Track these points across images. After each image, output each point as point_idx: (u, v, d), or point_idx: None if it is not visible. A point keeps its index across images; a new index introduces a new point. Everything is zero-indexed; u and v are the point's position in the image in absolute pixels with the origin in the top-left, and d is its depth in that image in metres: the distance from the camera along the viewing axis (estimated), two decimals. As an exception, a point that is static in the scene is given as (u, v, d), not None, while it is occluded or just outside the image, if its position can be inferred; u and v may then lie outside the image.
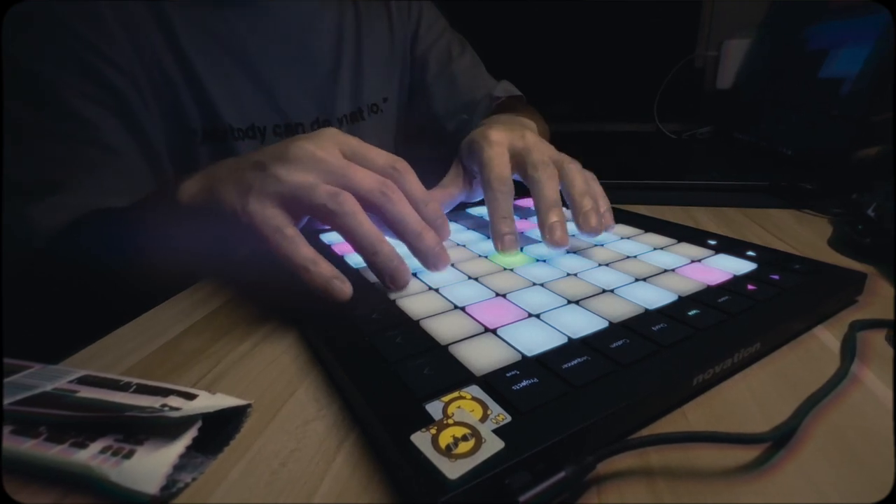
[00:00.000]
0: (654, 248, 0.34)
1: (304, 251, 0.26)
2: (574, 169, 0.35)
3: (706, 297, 0.26)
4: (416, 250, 0.28)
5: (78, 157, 0.41)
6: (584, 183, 0.34)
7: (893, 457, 0.17)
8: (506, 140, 0.36)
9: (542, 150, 0.35)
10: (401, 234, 0.28)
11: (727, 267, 0.30)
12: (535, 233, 0.35)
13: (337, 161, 0.28)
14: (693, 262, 0.31)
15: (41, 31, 0.40)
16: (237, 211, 0.27)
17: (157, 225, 0.34)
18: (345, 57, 0.59)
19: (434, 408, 0.18)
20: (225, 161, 0.31)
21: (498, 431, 0.17)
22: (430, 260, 0.28)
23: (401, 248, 0.28)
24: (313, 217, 0.28)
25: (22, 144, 0.40)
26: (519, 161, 0.35)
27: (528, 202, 0.45)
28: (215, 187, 0.29)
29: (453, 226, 0.41)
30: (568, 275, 0.30)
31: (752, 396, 0.21)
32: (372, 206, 0.27)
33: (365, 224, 0.27)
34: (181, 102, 0.47)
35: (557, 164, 0.35)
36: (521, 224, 0.39)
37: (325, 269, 0.26)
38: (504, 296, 0.27)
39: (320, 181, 0.27)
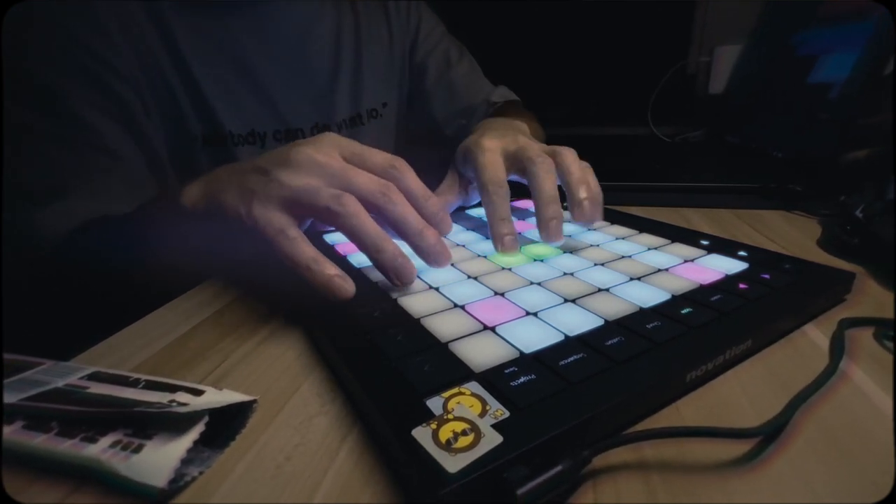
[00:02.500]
0: (648, 249, 0.34)
1: (306, 251, 0.26)
2: (570, 157, 0.35)
3: (699, 295, 0.26)
4: (417, 248, 0.28)
5: (83, 163, 0.41)
6: (580, 171, 0.35)
7: (892, 456, 0.17)
8: (498, 145, 0.36)
9: (535, 147, 0.36)
10: (402, 234, 0.28)
11: (719, 266, 0.30)
12: (533, 233, 0.35)
13: (338, 164, 0.28)
14: (686, 261, 0.31)
15: (46, 40, 0.40)
16: (241, 215, 0.27)
17: (160, 229, 0.34)
18: (344, 63, 0.59)
19: (434, 403, 0.18)
20: (226, 167, 0.31)
21: (497, 426, 0.17)
22: (432, 257, 0.28)
23: (404, 248, 0.28)
24: (317, 219, 0.28)
25: (29, 151, 0.39)
26: (514, 160, 0.36)
27: (525, 203, 0.45)
28: (218, 192, 0.29)
29: (454, 226, 0.41)
30: (565, 274, 0.30)
31: (743, 392, 0.21)
32: (373, 208, 0.27)
33: (368, 224, 0.27)
34: (182, 109, 0.47)
35: (552, 153, 0.35)
36: (519, 225, 0.39)
37: (327, 268, 0.26)
38: (503, 295, 0.27)
39: (322, 184, 0.27)
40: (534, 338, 0.22)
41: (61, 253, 0.38)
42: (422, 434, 0.16)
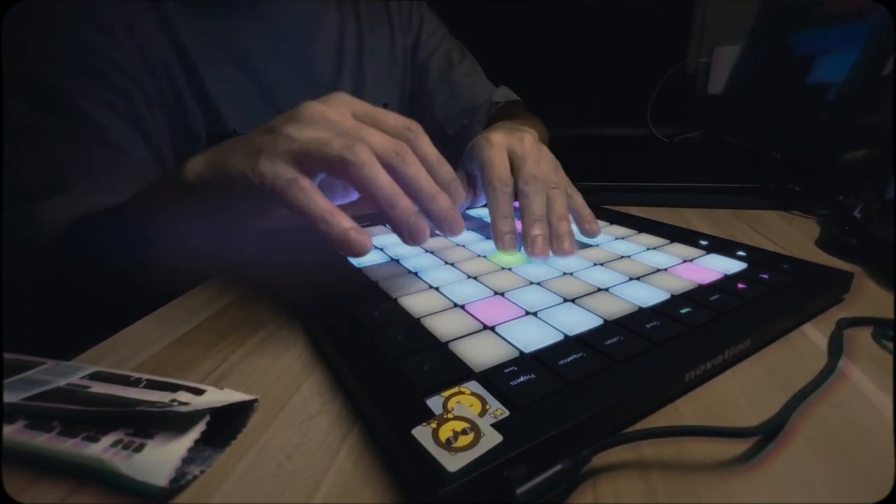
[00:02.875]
0: (648, 248, 0.34)
1: (321, 202, 0.24)
2: (557, 195, 0.34)
3: (698, 295, 0.26)
4: (430, 212, 0.27)
5: (86, 158, 0.40)
6: (563, 208, 0.34)
7: (891, 456, 0.17)
8: (504, 142, 0.36)
9: (537, 161, 0.35)
10: (415, 196, 0.26)
11: (718, 266, 0.30)
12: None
13: (349, 122, 0.27)
14: (685, 261, 0.31)
15: (48, 36, 0.40)
16: (247, 173, 0.25)
17: (161, 211, 0.32)
18: (346, 63, 0.59)
19: (434, 403, 0.18)
20: (232, 138, 0.29)
21: (496, 426, 0.17)
22: (445, 224, 0.27)
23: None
24: (328, 171, 0.26)
25: (31, 147, 0.39)
26: (514, 165, 0.35)
27: None
28: (223, 158, 0.27)
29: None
30: (564, 274, 0.30)
31: (742, 392, 0.21)
32: (386, 167, 0.26)
33: (382, 175, 0.25)
34: (186, 108, 0.47)
35: (549, 187, 0.35)
36: (520, 225, 0.39)
37: (343, 220, 0.24)
38: (502, 294, 0.27)
39: (334, 136, 0.26)
40: (533, 337, 0.22)
41: (60, 246, 0.38)
42: (422, 433, 0.16)
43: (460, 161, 0.40)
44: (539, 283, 0.28)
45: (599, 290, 0.27)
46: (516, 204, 0.34)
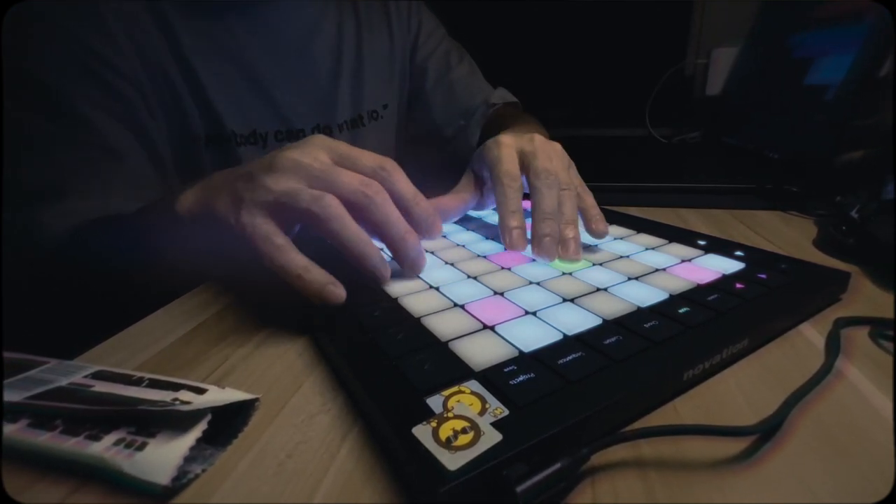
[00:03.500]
0: (646, 248, 0.34)
1: (295, 259, 0.26)
2: (568, 196, 0.34)
3: (696, 295, 0.26)
4: (395, 252, 0.28)
5: (86, 163, 0.40)
6: (572, 212, 0.33)
7: (888, 454, 0.17)
8: (514, 142, 0.36)
9: (549, 158, 0.35)
10: (383, 237, 0.28)
11: (716, 266, 0.30)
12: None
13: (320, 165, 0.27)
14: (683, 261, 0.31)
15: (48, 40, 0.40)
16: (231, 222, 0.27)
17: (159, 232, 0.33)
18: (345, 65, 0.59)
19: (434, 402, 0.18)
20: (220, 172, 0.31)
21: (496, 424, 0.17)
22: (408, 262, 0.29)
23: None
24: (302, 223, 0.27)
25: (32, 151, 0.39)
26: (524, 163, 0.35)
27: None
28: (210, 199, 0.29)
29: (453, 226, 0.41)
30: (563, 274, 0.30)
31: (740, 391, 0.21)
32: (355, 208, 0.27)
33: (349, 228, 0.26)
34: (185, 110, 0.47)
35: (561, 186, 0.34)
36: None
37: (317, 275, 0.26)
38: (502, 294, 0.27)
39: (304, 186, 0.27)
40: (533, 337, 0.22)
41: (61, 252, 0.38)
42: (422, 432, 0.16)
43: (469, 163, 0.40)
44: (538, 283, 0.28)
45: (598, 289, 0.27)
46: (527, 205, 0.34)
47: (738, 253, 0.32)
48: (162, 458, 0.17)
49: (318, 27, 0.56)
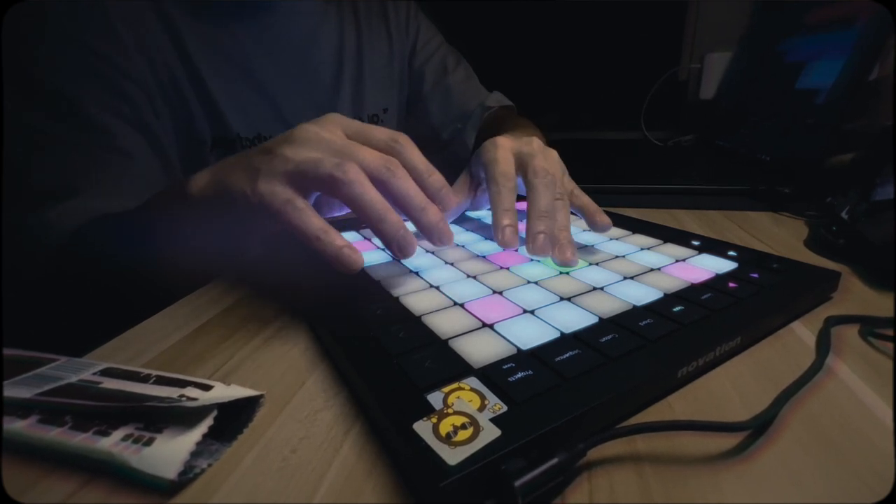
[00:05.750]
0: (641, 249, 0.34)
1: (315, 221, 0.25)
2: (561, 206, 0.33)
3: (690, 294, 0.26)
4: (419, 224, 0.27)
5: (94, 164, 0.40)
6: (566, 219, 0.33)
7: (873, 445, 0.18)
8: (511, 144, 0.36)
9: (545, 159, 0.35)
10: (405, 209, 0.27)
11: (709, 266, 0.30)
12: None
13: (340, 140, 0.27)
14: (678, 261, 0.31)
15: (57, 43, 0.40)
16: (247, 193, 0.26)
17: (168, 221, 0.33)
18: (346, 70, 0.59)
19: (435, 398, 0.18)
20: (234, 155, 0.31)
21: (495, 420, 0.17)
22: (435, 234, 0.28)
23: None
24: (321, 190, 0.27)
25: (40, 153, 0.39)
26: (521, 164, 0.35)
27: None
28: (224, 176, 0.28)
29: (453, 227, 0.41)
30: (560, 273, 0.30)
31: (732, 387, 0.21)
32: (376, 182, 0.27)
33: (371, 192, 0.26)
34: (192, 113, 0.47)
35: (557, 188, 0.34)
36: (522, 226, 0.38)
37: (336, 238, 0.25)
38: (501, 293, 0.27)
39: (326, 156, 0.26)
40: (531, 335, 0.22)
41: (70, 249, 0.38)
42: (422, 428, 0.16)
43: (467, 165, 0.40)
44: (536, 283, 0.28)
45: (595, 289, 0.27)
46: (521, 206, 0.34)
47: (731, 253, 0.32)
48: (169, 453, 0.17)
49: (320, 34, 0.56)
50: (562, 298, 0.26)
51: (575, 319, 0.23)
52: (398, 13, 0.67)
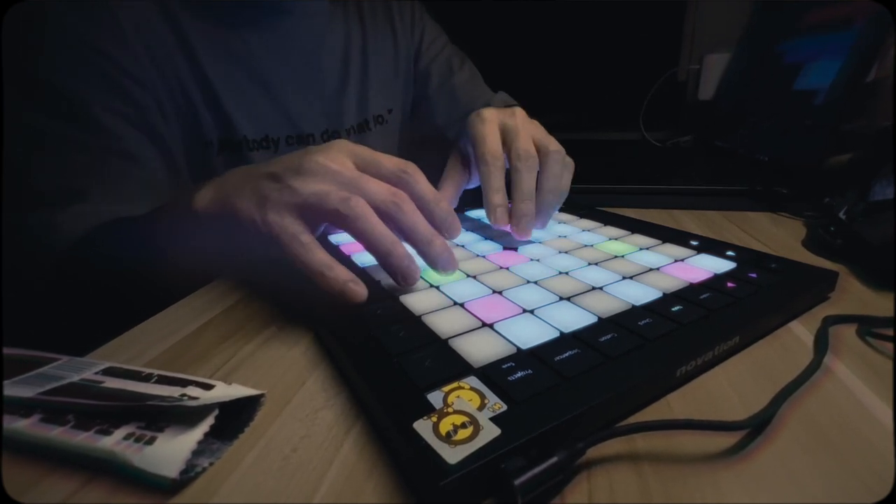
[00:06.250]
0: (640, 249, 0.34)
1: (320, 257, 0.26)
2: (554, 160, 0.36)
3: (689, 294, 0.26)
4: (426, 256, 0.28)
5: (101, 167, 0.40)
6: (557, 178, 0.36)
7: (871, 444, 0.18)
8: (496, 117, 0.37)
9: (529, 133, 0.36)
10: (412, 242, 0.28)
11: (708, 266, 0.30)
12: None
13: (349, 172, 0.28)
14: (676, 261, 0.31)
15: (63, 45, 0.40)
16: (256, 221, 0.27)
17: (173, 231, 0.33)
18: (352, 73, 0.59)
19: (435, 397, 0.18)
20: (235, 170, 0.31)
21: (494, 419, 0.17)
22: (440, 264, 0.28)
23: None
24: (329, 223, 0.28)
25: (47, 156, 0.39)
26: (506, 141, 0.36)
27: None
28: (231, 197, 0.29)
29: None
30: (560, 273, 0.30)
31: (731, 387, 0.21)
32: (384, 216, 0.27)
33: (378, 227, 0.26)
34: (199, 116, 0.47)
35: (541, 150, 0.36)
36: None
37: (340, 273, 0.26)
38: (500, 293, 0.27)
39: (334, 189, 0.27)
40: (530, 334, 0.22)
41: (75, 253, 0.38)
42: (423, 427, 0.16)
43: (455, 142, 0.41)
44: (536, 282, 0.28)
45: (594, 288, 0.27)
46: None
47: (730, 253, 0.32)
48: (170, 451, 0.17)
49: (327, 36, 0.56)
50: (561, 298, 0.26)
51: (574, 319, 0.24)
52: (403, 14, 0.67)
